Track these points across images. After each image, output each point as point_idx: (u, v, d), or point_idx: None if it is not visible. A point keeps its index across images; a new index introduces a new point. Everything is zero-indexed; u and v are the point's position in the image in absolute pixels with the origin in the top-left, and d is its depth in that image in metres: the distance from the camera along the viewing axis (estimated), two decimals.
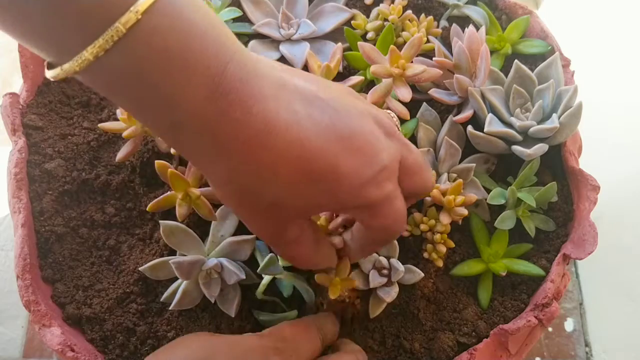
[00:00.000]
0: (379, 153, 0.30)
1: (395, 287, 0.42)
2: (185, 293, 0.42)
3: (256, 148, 0.28)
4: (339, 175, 0.29)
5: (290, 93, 0.29)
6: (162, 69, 0.25)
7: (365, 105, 0.32)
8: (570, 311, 0.64)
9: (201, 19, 0.26)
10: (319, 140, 0.29)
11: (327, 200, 0.30)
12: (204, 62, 0.26)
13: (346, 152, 0.29)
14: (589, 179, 0.46)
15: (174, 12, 0.25)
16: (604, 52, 0.74)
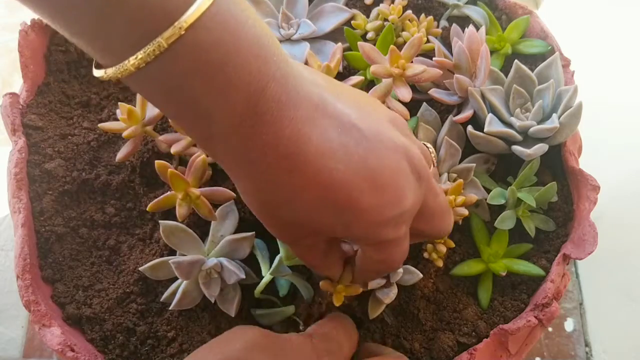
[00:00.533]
0: (404, 196, 0.30)
1: (394, 288, 0.42)
2: (185, 293, 0.42)
3: (283, 170, 0.28)
4: (360, 210, 0.29)
5: (328, 118, 0.28)
6: (201, 84, 0.25)
7: (403, 140, 0.31)
8: (570, 311, 0.64)
9: (246, 33, 0.26)
10: (347, 172, 0.28)
11: (342, 230, 0.31)
12: (244, 79, 0.25)
13: (372, 189, 0.29)
14: (589, 179, 0.46)
15: (218, 27, 0.25)
16: (604, 52, 0.74)
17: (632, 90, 0.69)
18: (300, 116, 0.27)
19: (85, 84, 0.53)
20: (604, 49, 0.75)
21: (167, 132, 0.48)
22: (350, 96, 0.31)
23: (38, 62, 0.51)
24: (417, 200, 0.31)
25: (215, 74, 0.25)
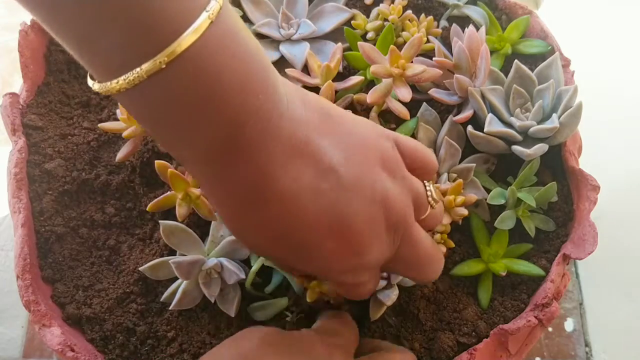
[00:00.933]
0: (367, 248, 0.30)
1: (395, 289, 0.42)
2: (185, 293, 0.42)
3: (248, 205, 0.28)
4: (318, 254, 0.30)
5: (307, 158, 0.28)
6: (180, 114, 0.25)
7: (386, 187, 0.30)
8: (570, 311, 0.64)
9: (234, 68, 0.25)
10: (313, 216, 0.28)
11: (302, 265, 0.32)
12: (225, 114, 0.25)
13: (335, 236, 0.29)
14: (589, 179, 0.46)
15: (203, 61, 0.24)
16: (604, 52, 0.74)
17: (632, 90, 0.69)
18: (274, 156, 0.27)
19: (85, 84, 0.53)
20: (604, 49, 0.75)
21: None
22: (341, 134, 0.30)
23: (38, 62, 0.51)
24: (384, 252, 0.31)
25: (196, 106, 0.25)
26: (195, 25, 0.24)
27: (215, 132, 0.26)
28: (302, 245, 0.29)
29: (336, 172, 0.29)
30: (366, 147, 0.31)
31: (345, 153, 0.29)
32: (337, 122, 0.31)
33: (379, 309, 0.42)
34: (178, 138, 0.27)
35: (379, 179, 0.30)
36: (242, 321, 0.43)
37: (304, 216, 0.28)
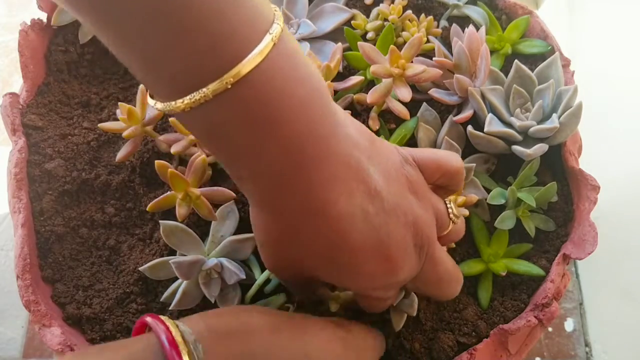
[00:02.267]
0: (401, 269, 0.32)
1: (414, 297, 0.42)
2: (185, 293, 0.42)
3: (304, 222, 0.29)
4: (358, 274, 0.31)
5: (358, 182, 0.29)
6: (242, 134, 0.26)
7: (416, 210, 0.32)
8: (570, 311, 0.64)
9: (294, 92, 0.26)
10: (359, 239, 0.30)
11: (334, 281, 0.33)
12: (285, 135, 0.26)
13: (374, 258, 0.30)
14: (589, 179, 0.46)
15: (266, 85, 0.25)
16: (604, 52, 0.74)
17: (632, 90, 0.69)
18: (334, 177, 0.28)
19: (85, 84, 0.53)
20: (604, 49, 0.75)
21: (167, 132, 0.48)
22: (383, 161, 0.31)
23: (38, 62, 0.51)
24: (412, 271, 0.33)
25: (257, 128, 0.26)
26: (260, 48, 0.25)
27: (276, 152, 0.27)
28: (346, 263, 0.30)
29: (380, 196, 0.30)
30: (399, 174, 0.32)
31: (386, 180, 0.31)
32: (379, 150, 0.32)
33: (400, 319, 0.42)
34: (238, 156, 0.28)
35: (410, 203, 0.32)
36: None
37: (354, 236, 0.29)
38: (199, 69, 0.25)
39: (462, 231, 0.38)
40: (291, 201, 0.28)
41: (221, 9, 0.24)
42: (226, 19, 0.24)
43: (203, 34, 0.24)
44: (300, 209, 0.29)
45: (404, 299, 0.42)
